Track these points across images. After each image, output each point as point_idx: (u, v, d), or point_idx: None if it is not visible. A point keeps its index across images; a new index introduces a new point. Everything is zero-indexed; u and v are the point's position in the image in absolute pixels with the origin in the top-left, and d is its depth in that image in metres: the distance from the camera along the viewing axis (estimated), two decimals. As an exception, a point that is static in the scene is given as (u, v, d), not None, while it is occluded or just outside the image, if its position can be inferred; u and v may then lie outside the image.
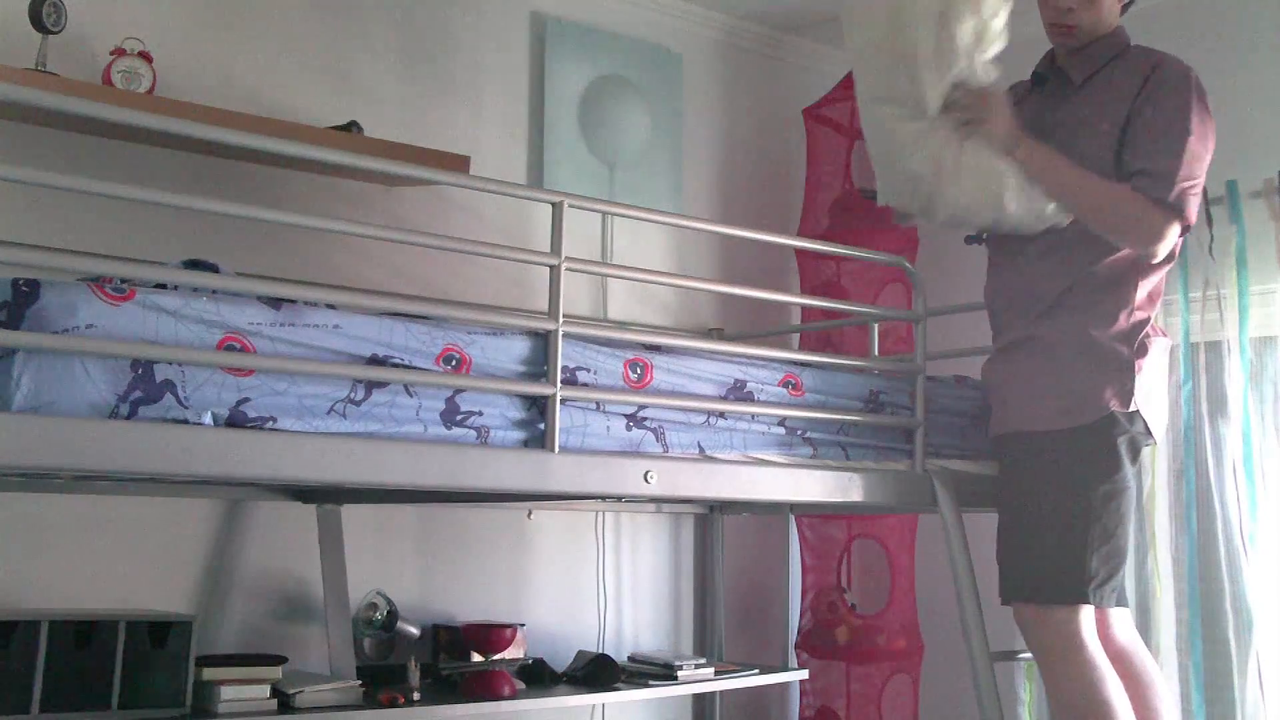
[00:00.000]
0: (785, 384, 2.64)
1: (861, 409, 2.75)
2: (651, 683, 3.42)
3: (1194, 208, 2.63)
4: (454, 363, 2.19)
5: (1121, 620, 2.77)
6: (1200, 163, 2.63)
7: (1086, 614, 2.62)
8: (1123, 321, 2.68)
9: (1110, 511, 2.62)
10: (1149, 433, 2.71)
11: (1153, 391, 2.72)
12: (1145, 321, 2.71)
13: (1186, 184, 2.60)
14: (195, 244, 3.01)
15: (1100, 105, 2.72)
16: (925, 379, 2.83)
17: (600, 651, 3.54)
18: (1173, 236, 2.62)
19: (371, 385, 2.10)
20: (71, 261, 2.04)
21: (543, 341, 2.28)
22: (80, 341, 1.83)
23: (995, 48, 2.66)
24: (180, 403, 1.91)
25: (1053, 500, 2.65)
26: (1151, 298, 2.73)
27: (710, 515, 3.99)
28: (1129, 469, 2.66)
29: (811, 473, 2.65)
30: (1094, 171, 2.67)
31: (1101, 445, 2.63)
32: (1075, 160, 2.68)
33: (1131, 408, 2.64)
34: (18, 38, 2.81)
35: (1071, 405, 2.65)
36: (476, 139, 3.61)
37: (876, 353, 3.47)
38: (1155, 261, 2.66)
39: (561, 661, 3.51)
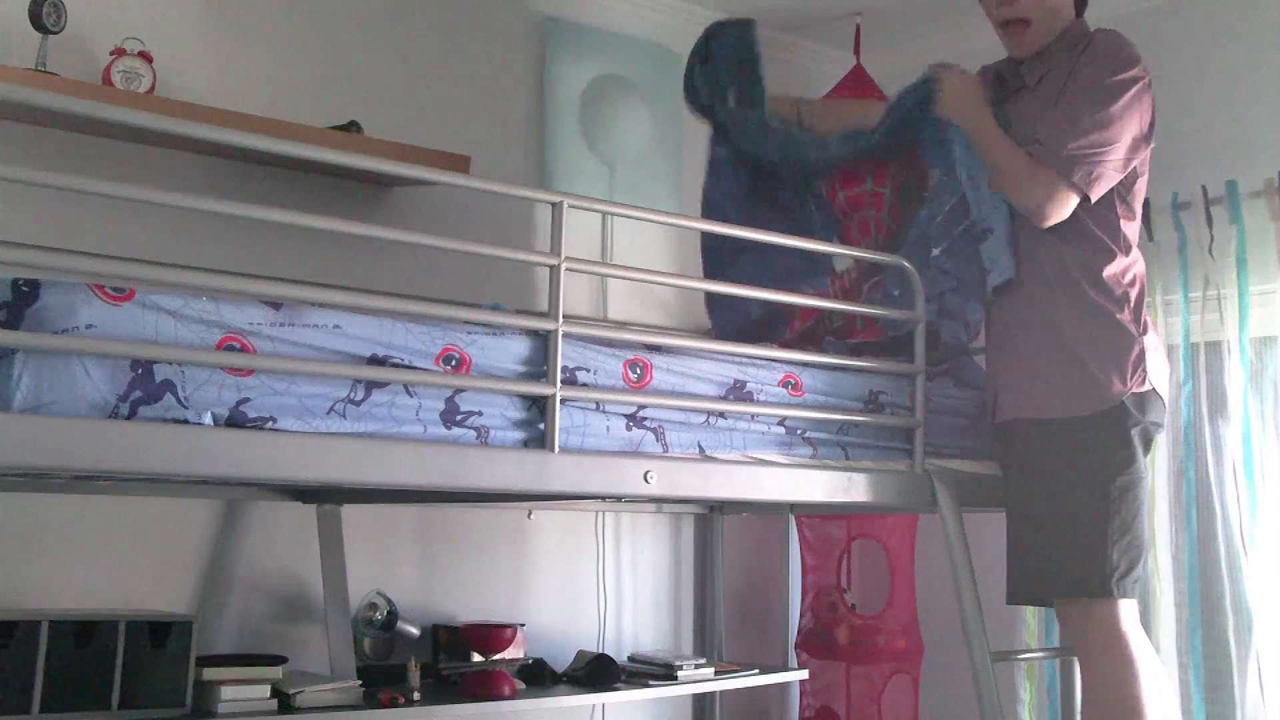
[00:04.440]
0: (785, 384, 2.64)
1: (861, 409, 2.75)
2: (651, 683, 3.42)
3: (1093, 175, 2.64)
4: (454, 363, 2.19)
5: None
6: (1111, 130, 2.65)
7: (1126, 607, 2.62)
8: (1127, 303, 2.69)
9: (1128, 503, 2.63)
10: (1163, 412, 2.73)
11: (1161, 369, 2.74)
12: (1142, 299, 2.73)
13: (1088, 152, 2.63)
14: (195, 244, 3.02)
15: (1048, 95, 2.77)
16: (925, 379, 2.82)
17: (600, 651, 3.54)
18: (1063, 202, 2.65)
19: (371, 385, 2.10)
20: (71, 261, 2.04)
21: (542, 341, 2.28)
22: (80, 341, 1.83)
23: None
24: (180, 403, 1.91)
25: (1067, 492, 2.65)
26: (1141, 279, 2.75)
27: (710, 515, 3.99)
28: (1142, 459, 2.67)
29: (811, 473, 2.65)
30: None
31: (1115, 436, 2.64)
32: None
33: (1147, 386, 2.66)
34: (18, 38, 2.81)
35: (1083, 391, 2.66)
36: (476, 139, 3.61)
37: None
38: (1045, 225, 2.69)
39: (561, 661, 3.51)
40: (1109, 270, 2.70)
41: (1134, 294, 2.71)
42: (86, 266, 2.03)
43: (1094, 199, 2.67)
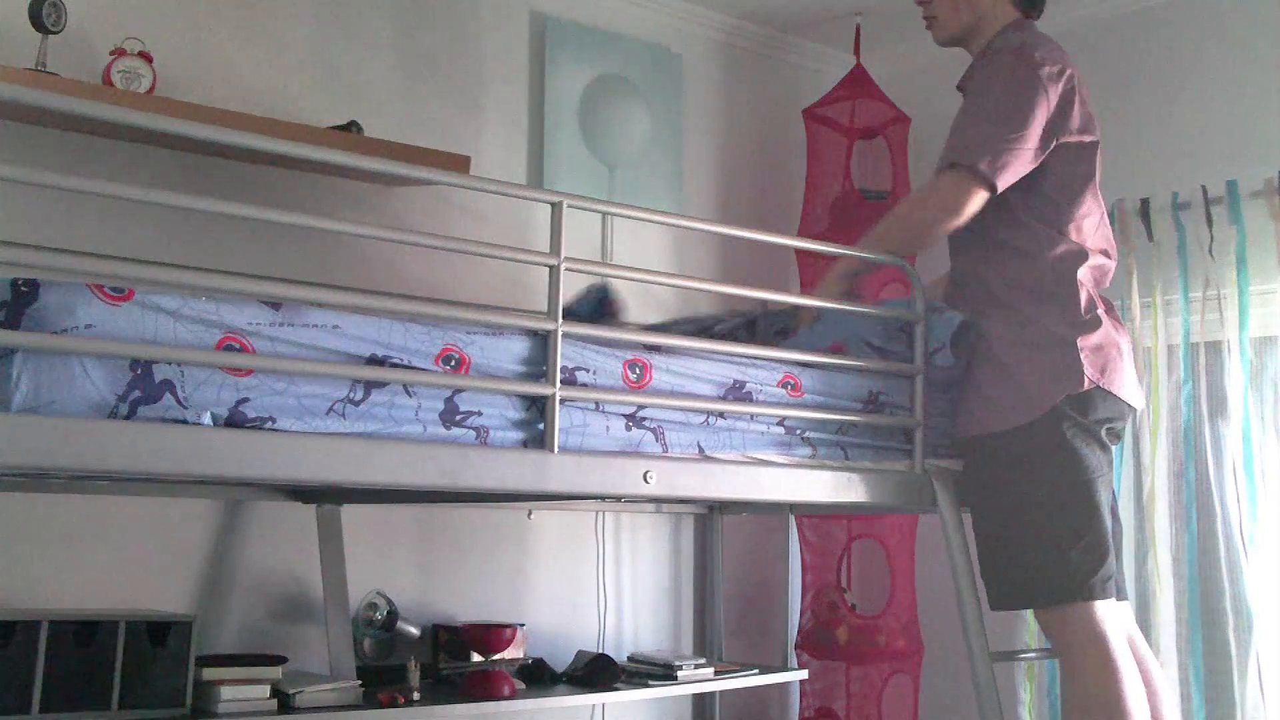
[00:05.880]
0: (784, 384, 2.63)
1: (861, 409, 2.75)
2: (651, 683, 3.42)
3: (993, 163, 2.61)
4: (453, 363, 2.19)
5: (1122, 615, 2.76)
6: (1006, 123, 2.63)
7: (1103, 609, 2.61)
8: (1058, 305, 2.67)
9: (1080, 505, 2.61)
10: (1119, 409, 2.69)
11: (1112, 364, 2.68)
12: (1077, 298, 2.68)
13: (976, 143, 2.62)
14: (195, 244, 3.02)
15: None
16: (925, 379, 2.82)
17: (600, 651, 3.54)
18: (971, 187, 2.63)
19: (371, 385, 2.09)
20: (71, 261, 2.04)
21: (542, 341, 2.28)
22: (79, 341, 1.83)
23: None
24: (179, 403, 1.91)
25: (1019, 502, 2.65)
26: (1094, 278, 2.72)
27: (710, 515, 3.99)
28: (1092, 458, 2.64)
29: (811, 473, 2.65)
30: None
31: (1052, 441, 2.62)
32: None
33: (1086, 386, 2.63)
34: (18, 38, 2.81)
35: (1016, 402, 2.66)
36: (476, 139, 3.61)
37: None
38: (959, 223, 2.66)
39: (561, 661, 3.51)
40: (1033, 275, 2.68)
41: (1066, 292, 2.68)
42: (86, 266, 2.03)
43: (1000, 187, 2.64)
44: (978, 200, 2.65)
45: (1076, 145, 2.72)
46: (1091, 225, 2.75)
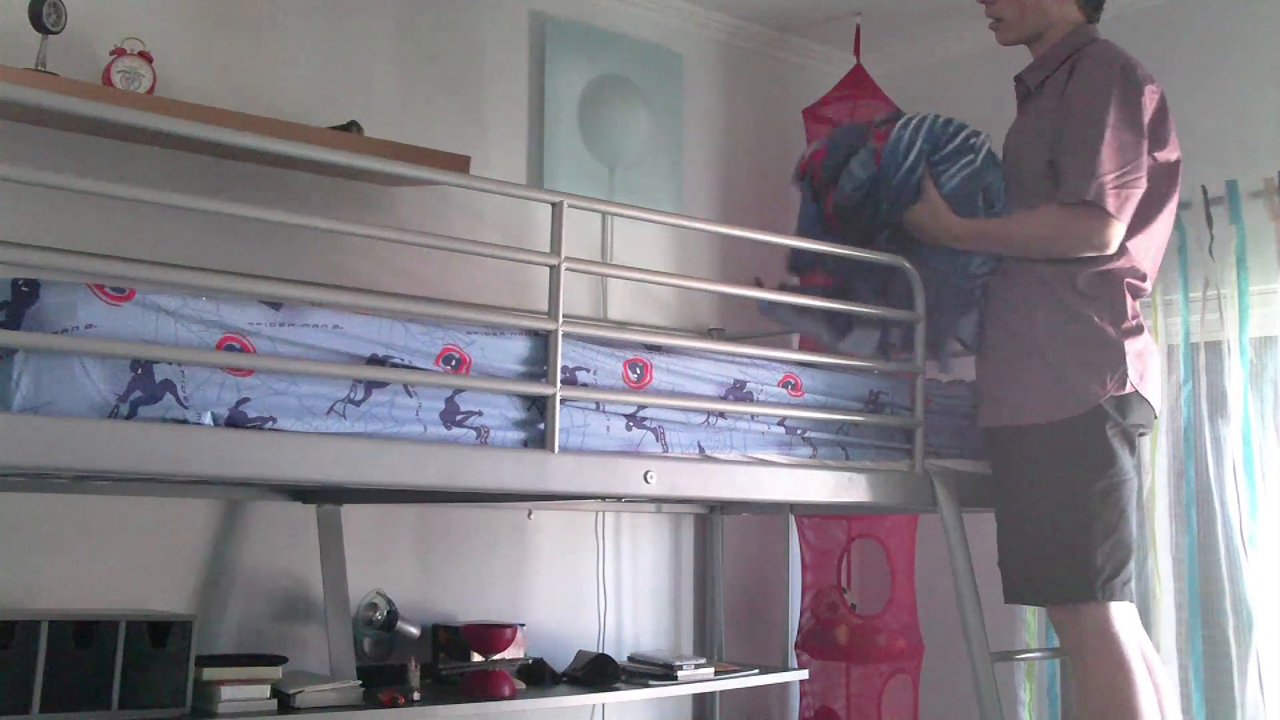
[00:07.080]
0: (785, 384, 2.64)
1: (861, 409, 2.75)
2: (651, 683, 3.42)
3: (1119, 199, 2.60)
4: (454, 363, 2.19)
5: (1132, 617, 2.76)
6: (1125, 151, 2.62)
7: (1118, 610, 2.61)
8: (1108, 307, 2.67)
9: (1110, 506, 2.61)
10: (1149, 415, 2.70)
11: (1149, 371, 2.70)
12: (1125, 303, 2.68)
13: (1107, 178, 2.60)
14: (195, 244, 3.02)
15: (1042, 111, 2.76)
16: (925, 379, 2.83)
17: (600, 651, 3.54)
18: (1107, 231, 2.61)
19: (371, 385, 2.10)
20: (72, 261, 2.04)
21: (542, 341, 2.29)
22: (80, 341, 1.83)
23: None
24: (180, 403, 1.91)
25: (1049, 497, 2.65)
26: (1131, 282, 2.72)
27: (710, 515, 3.99)
28: (1125, 460, 2.65)
29: (811, 473, 2.65)
30: (1029, 180, 2.74)
31: (1092, 439, 2.63)
32: (1021, 169, 2.77)
33: (1127, 389, 2.64)
34: (18, 38, 2.81)
35: (1059, 396, 2.65)
36: (476, 139, 3.61)
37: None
38: (1107, 253, 2.65)
39: (561, 661, 3.51)
40: (1087, 275, 2.68)
41: (1116, 297, 2.68)
42: (86, 266, 2.03)
43: (1126, 221, 2.64)
44: (1120, 233, 2.63)
45: (1163, 165, 2.72)
46: (1154, 248, 2.76)
